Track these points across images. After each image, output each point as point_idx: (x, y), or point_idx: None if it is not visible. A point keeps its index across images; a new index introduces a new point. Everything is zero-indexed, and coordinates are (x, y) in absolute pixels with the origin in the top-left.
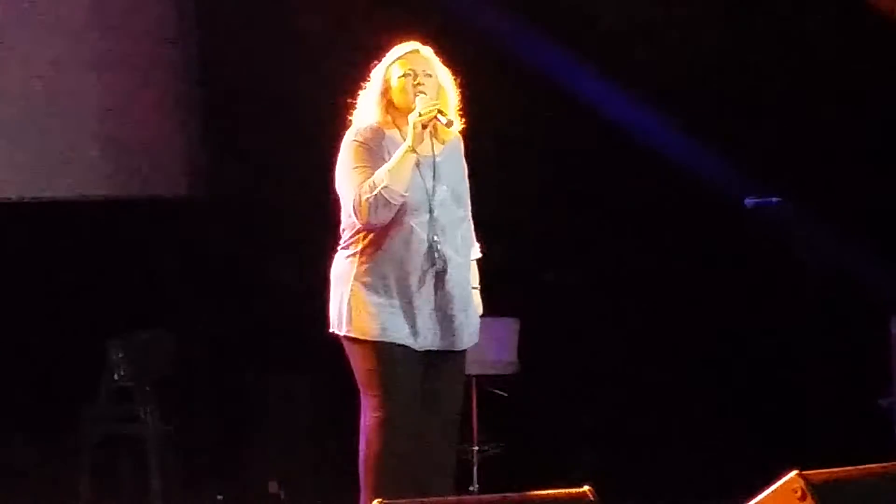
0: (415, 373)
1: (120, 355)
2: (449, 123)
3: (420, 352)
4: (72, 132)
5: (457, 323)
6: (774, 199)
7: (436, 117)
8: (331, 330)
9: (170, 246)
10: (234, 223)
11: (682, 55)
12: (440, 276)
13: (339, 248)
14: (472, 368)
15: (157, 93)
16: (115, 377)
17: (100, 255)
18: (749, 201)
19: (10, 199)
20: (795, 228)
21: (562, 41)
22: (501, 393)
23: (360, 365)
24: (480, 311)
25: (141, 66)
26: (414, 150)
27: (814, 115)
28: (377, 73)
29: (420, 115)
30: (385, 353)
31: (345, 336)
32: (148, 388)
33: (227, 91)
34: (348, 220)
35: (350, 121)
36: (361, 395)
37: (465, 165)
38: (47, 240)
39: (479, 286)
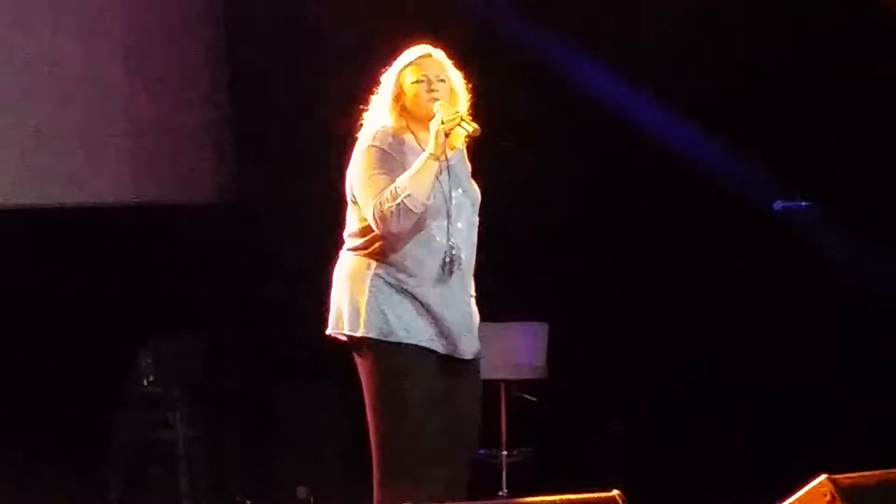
0: (436, 377)
1: (149, 361)
2: (475, 132)
3: (442, 356)
4: (102, 138)
5: (468, 327)
6: (803, 203)
7: (459, 124)
8: (333, 332)
9: (199, 252)
10: (263, 229)
11: (710, 60)
12: (458, 280)
13: (347, 249)
14: (501, 373)
15: (187, 99)
16: (145, 383)
17: (129, 262)
18: (778, 205)
19: (41, 205)
20: (824, 232)
21: (586, 47)
22: (530, 398)
23: (376, 367)
24: (477, 318)
25: (170, 72)
26: (436, 158)
27: (844, 118)
28: (389, 78)
29: (443, 122)
30: (409, 355)
31: (362, 337)
32: (177, 394)
33: (256, 97)
34: (361, 224)
35: (360, 125)
36: (373, 398)
37: (469, 166)
38: (77, 246)
39: (474, 294)
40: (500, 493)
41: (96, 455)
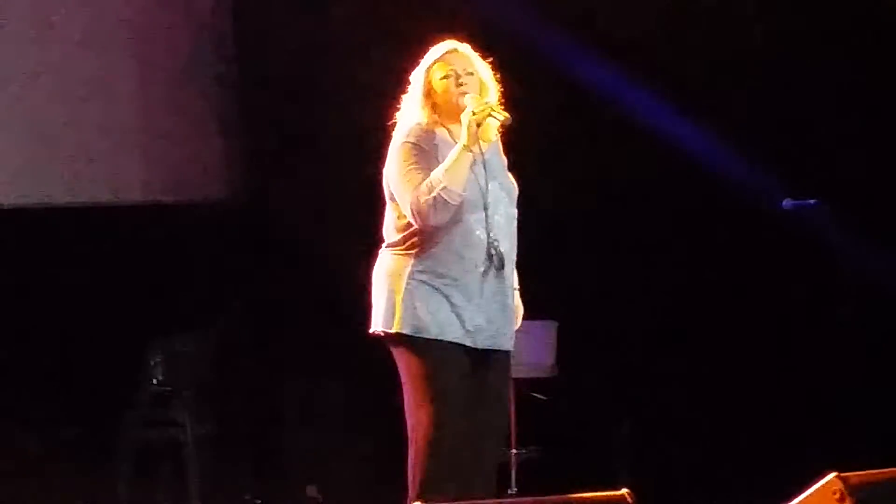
0: (467, 373)
1: (158, 361)
2: (506, 121)
3: (474, 352)
4: (110, 137)
5: (507, 322)
6: (812, 201)
7: (490, 114)
8: (374, 330)
9: (207, 251)
10: (272, 228)
11: (718, 58)
12: (499, 274)
13: (386, 246)
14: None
15: (195, 98)
16: (154, 382)
17: (138, 261)
18: (787, 203)
19: (49, 203)
20: (833, 230)
21: (590, 46)
22: (541, 397)
23: (410, 364)
24: (521, 311)
25: (179, 70)
26: (469, 150)
27: (853, 117)
28: (418, 75)
29: (474, 113)
30: (441, 351)
31: (397, 334)
32: (186, 393)
33: (264, 96)
34: (399, 222)
35: (394, 124)
36: (409, 394)
37: (505, 159)
38: (85, 245)
39: (518, 287)
40: (510, 491)
41: (106, 454)
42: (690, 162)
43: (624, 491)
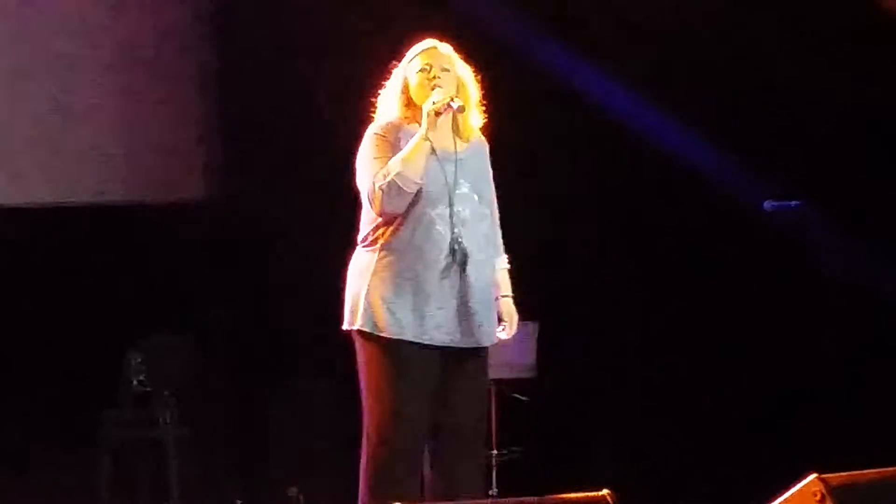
0: (430, 373)
1: (139, 360)
2: (461, 109)
3: (437, 350)
4: (90, 136)
5: (477, 320)
6: (794, 203)
7: (448, 104)
8: (344, 327)
9: (189, 250)
10: (253, 226)
11: (701, 59)
12: (461, 271)
13: (358, 244)
14: (491, 372)
15: (176, 95)
16: (135, 382)
17: (119, 260)
18: (768, 204)
19: (30, 204)
20: (815, 232)
21: (576, 47)
22: (521, 397)
23: (369, 362)
24: (515, 318)
25: (159, 68)
26: (427, 139)
27: (834, 118)
28: (396, 71)
29: (434, 102)
30: (400, 350)
31: (358, 331)
32: (167, 393)
33: (245, 94)
34: (367, 215)
35: (372, 118)
36: (366, 393)
37: (490, 170)
38: (66, 244)
39: (510, 294)
40: (491, 493)
41: (86, 454)
42: (673, 163)
43: (605, 492)
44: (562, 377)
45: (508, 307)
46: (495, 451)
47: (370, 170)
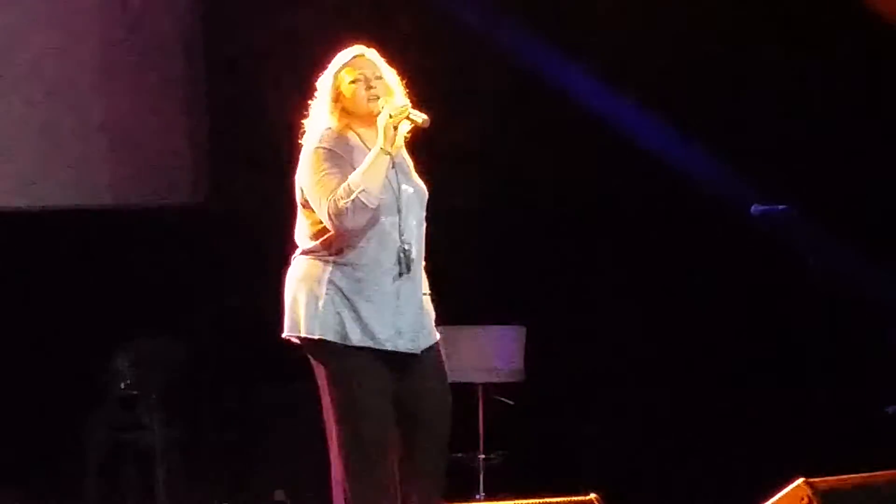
0: (393, 379)
1: (126, 363)
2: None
3: (394, 356)
4: (78, 140)
5: (424, 322)
6: (780, 207)
7: (408, 117)
8: (289, 335)
9: (176, 254)
10: (240, 231)
11: (687, 62)
12: (407, 276)
13: (301, 253)
14: (478, 376)
15: (164, 101)
16: (122, 385)
17: (106, 264)
18: (755, 209)
19: (18, 207)
20: (801, 236)
21: (560, 46)
22: (508, 401)
23: (331, 373)
24: (433, 315)
25: (148, 74)
26: (387, 153)
27: (819, 122)
28: (325, 82)
29: (391, 116)
30: (362, 359)
31: (320, 340)
32: (154, 397)
33: (233, 99)
34: (313, 228)
35: (303, 132)
36: (328, 405)
37: (411, 162)
38: (54, 248)
39: (430, 292)
40: (478, 496)
41: (73, 457)
42: (659, 166)
43: (592, 496)
44: (549, 381)
45: (427, 305)
46: (482, 455)
47: (325, 187)
